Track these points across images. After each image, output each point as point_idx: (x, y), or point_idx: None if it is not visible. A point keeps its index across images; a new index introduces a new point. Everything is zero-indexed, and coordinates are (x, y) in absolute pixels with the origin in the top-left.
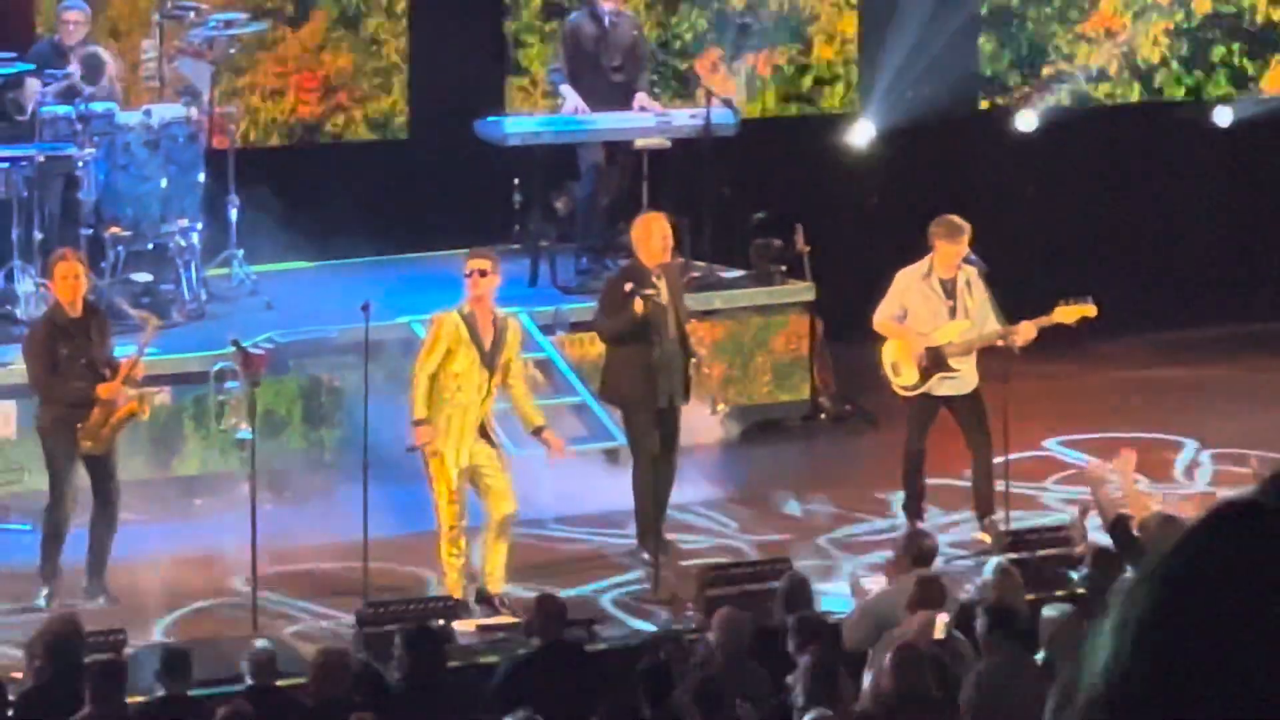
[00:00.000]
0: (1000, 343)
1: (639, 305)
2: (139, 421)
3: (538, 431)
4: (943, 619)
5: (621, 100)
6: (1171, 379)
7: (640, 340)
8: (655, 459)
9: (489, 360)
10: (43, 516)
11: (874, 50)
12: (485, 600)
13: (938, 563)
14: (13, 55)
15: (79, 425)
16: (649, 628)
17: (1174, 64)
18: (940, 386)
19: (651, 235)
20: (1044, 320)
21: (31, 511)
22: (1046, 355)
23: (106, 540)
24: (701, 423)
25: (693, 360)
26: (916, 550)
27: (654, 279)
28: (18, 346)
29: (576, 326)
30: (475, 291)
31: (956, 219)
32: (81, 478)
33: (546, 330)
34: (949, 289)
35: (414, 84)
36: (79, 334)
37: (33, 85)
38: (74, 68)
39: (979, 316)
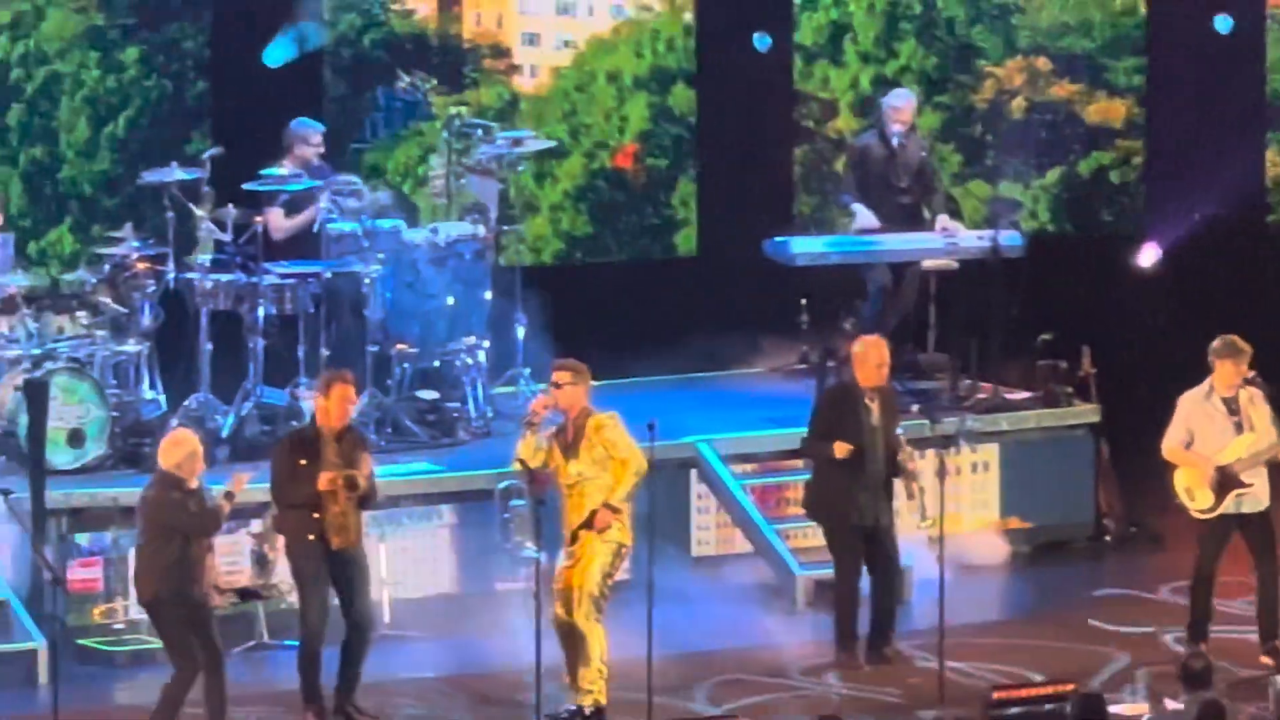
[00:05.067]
0: None
1: (839, 450)
2: (364, 493)
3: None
4: None
5: (910, 221)
6: None
7: (847, 463)
8: (873, 576)
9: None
10: (299, 635)
11: (1159, 168)
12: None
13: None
14: (299, 173)
15: (319, 528)
16: None
17: None
18: (1236, 504)
19: (868, 357)
20: None
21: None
22: None
23: (356, 658)
24: (988, 544)
25: (904, 479)
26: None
27: (867, 400)
28: None
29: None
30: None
31: (1236, 340)
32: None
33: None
34: (1232, 406)
35: (703, 202)
36: (325, 448)
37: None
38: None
39: (1264, 429)
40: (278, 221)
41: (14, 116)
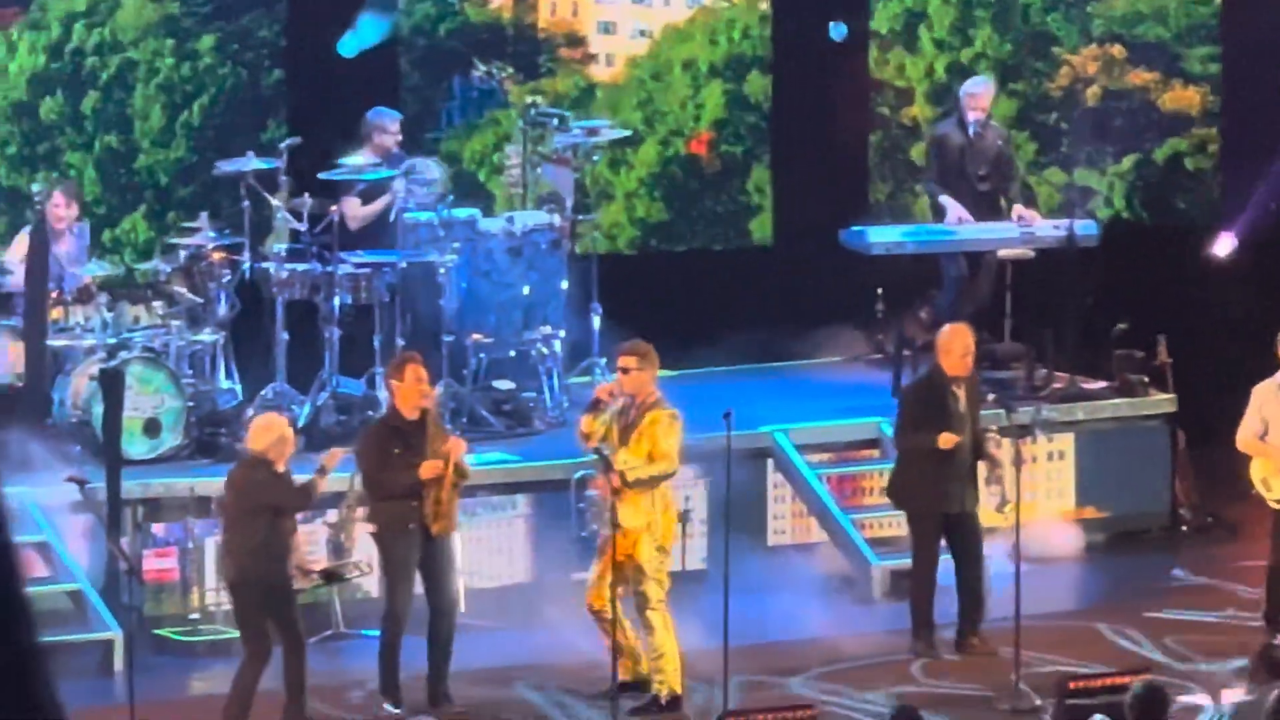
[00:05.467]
0: None
1: (944, 441)
2: (466, 483)
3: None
4: None
5: (989, 210)
6: None
7: (938, 452)
8: (960, 563)
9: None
10: (381, 623)
11: (1235, 156)
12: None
13: None
14: (378, 161)
15: (419, 516)
16: None
17: None
18: None
19: (954, 347)
20: None
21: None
22: None
23: (446, 641)
24: (1063, 534)
25: (987, 464)
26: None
27: (954, 388)
28: None
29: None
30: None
31: None
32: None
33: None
34: None
35: (778, 189)
36: (413, 435)
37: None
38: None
39: None
40: (354, 210)
41: (89, 104)
